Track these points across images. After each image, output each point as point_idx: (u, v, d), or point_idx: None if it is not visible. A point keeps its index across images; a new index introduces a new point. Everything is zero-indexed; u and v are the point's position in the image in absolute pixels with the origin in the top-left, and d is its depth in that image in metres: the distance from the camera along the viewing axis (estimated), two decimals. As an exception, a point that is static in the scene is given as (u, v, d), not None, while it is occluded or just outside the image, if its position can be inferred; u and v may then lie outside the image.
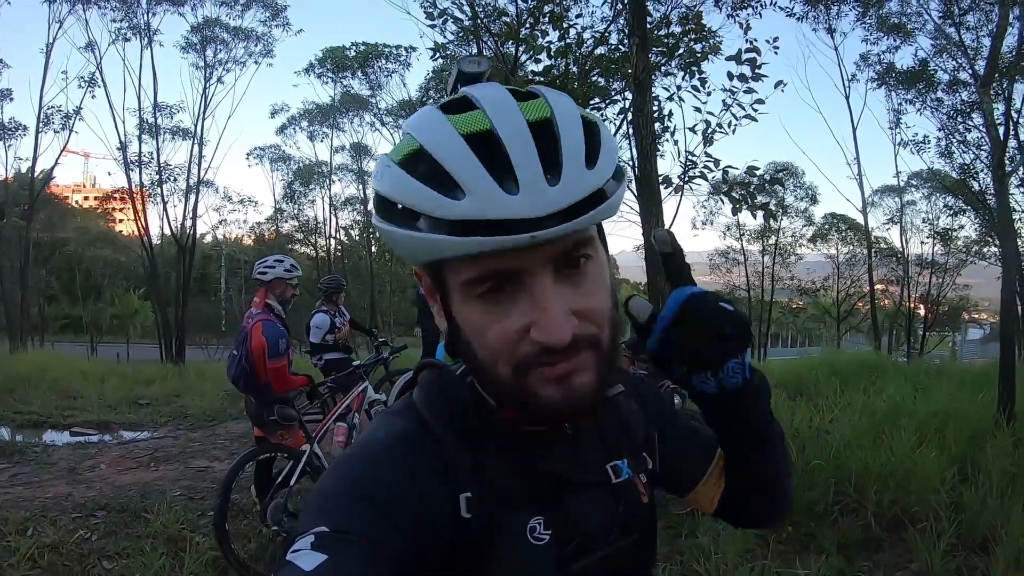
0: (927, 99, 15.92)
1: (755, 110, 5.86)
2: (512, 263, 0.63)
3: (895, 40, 17.02)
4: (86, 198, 49.06)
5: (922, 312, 25.17)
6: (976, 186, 15.37)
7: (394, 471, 0.69)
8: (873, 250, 24.26)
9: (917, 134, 17.86)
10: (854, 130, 21.79)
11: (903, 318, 24.97)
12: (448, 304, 0.71)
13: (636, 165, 6.01)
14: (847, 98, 21.69)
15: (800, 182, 28.42)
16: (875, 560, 3.93)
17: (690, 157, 6.01)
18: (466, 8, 7.24)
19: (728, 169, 6.06)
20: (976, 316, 32.32)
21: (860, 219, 24.50)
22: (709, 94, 6.19)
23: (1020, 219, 15.86)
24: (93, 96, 20.91)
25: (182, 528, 4.51)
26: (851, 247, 27.98)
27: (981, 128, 12.74)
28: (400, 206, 0.65)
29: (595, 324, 0.68)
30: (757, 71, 5.74)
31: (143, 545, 4.15)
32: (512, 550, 0.71)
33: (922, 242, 25.60)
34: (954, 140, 15.40)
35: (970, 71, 13.01)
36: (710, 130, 6.03)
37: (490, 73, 0.76)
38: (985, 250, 20.45)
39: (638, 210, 6.12)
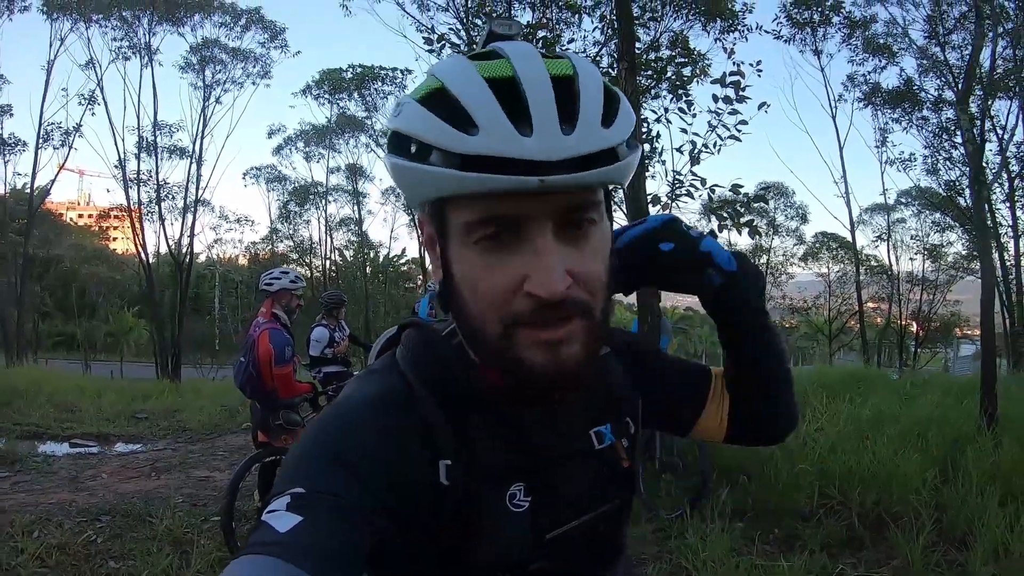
0: (913, 118, 16.20)
1: (739, 131, 6.07)
2: (516, 208, 0.62)
3: (881, 60, 17.35)
4: (80, 216, 48.99)
5: (914, 328, 25.34)
6: (963, 202, 15.60)
7: (374, 433, 0.68)
8: (863, 268, 24.45)
9: (903, 152, 18.19)
10: (841, 149, 22.06)
11: (894, 335, 25.11)
12: (446, 251, 0.69)
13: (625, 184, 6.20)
14: (834, 118, 21.96)
15: (790, 201, 28.67)
16: (858, 557, 4.05)
17: (677, 176, 6.19)
18: (463, 33, 7.44)
19: (714, 188, 6.26)
20: (968, 332, 32.46)
21: (850, 237, 24.74)
22: (695, 116, 6.39)
23: (1006, 234, 16.14)
24: (93, 113, 21.29)
25: (187, 531, 4.61)
26: (842, 265, 28.13)
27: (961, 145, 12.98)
28: (414, 140, 0.65)
29: (589, 291, 0.66)
30: (741, 93, 5.95)
31: (149, 546, 4.23)
32: (491, 516, 0.72)
33: (911, 259, 25.86)
34: (940, 157, 15.66)
35: (954, 89, 13.29)
36: (696, 150, 6.22)
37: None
38: (974, 265, 20.60)
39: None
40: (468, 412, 0.73)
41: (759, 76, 6.40)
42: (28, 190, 22.05)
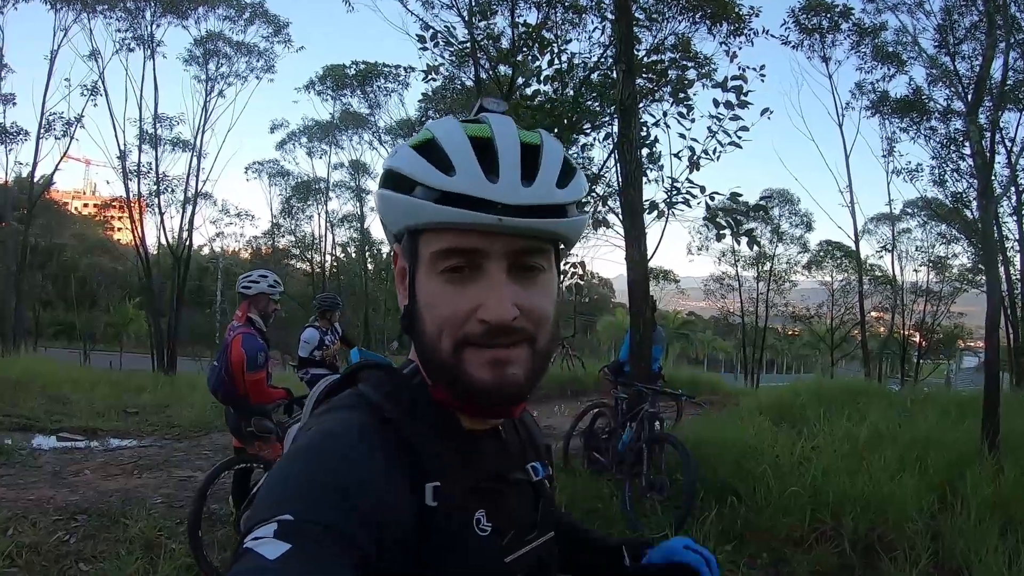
0: (921, 128, 16.04)
1: (739, 137, 5.94)
2: (477, 243, 0.73)
3: (890, 69, 17.18)
4: (86, 205, 49.14)
5: (917, 340, 25.17)
6: (970, 215, 15.44)
7: (360, 461, 0.70)
8: (867, 278, 24.26)
9: (910, 162, 18.02)
10: (847, 158, 21.89)
11: (897, 345, 24.95)
12: (414, 280, 0.78)
13: (621, 190, 6.07)
14: (840, 126, 21.68)
15: (795, 209, 28.46)
16: (848, 587, 3.93)
17: (674, 183, 6.07)
18: (458, 32, 7.33)
19: (713, 195, 6.12)
20: (971, 344, 32.28)
21: (854, 247, 24.54)
22: (693, 121, 6.27)
23: (1013, 247, 15.96)
24: (95, 104, 20.84)
25: (159, 534, 4.54)
26: (846, 274, 27.90)
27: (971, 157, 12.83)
28: (403, 177, 0.75)
29: (534, 323, 0.75)
30: (743, 99, 5.81)
31: (120, 549, 4.20)
32: (462, 540, 0.75)
33: (915, 270, 25.67)
34: (947, 168, 15.50)
35: (964, 100, 13.13)
36: (695, 156, 6.09)
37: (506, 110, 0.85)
38: (979, 278, 20.40)
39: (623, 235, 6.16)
40: (439, 437, 0.78)
41: (762, 81, 6.30)
42: (30, 179, 21.98)
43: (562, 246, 0.83)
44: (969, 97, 11.54)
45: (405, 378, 0.83)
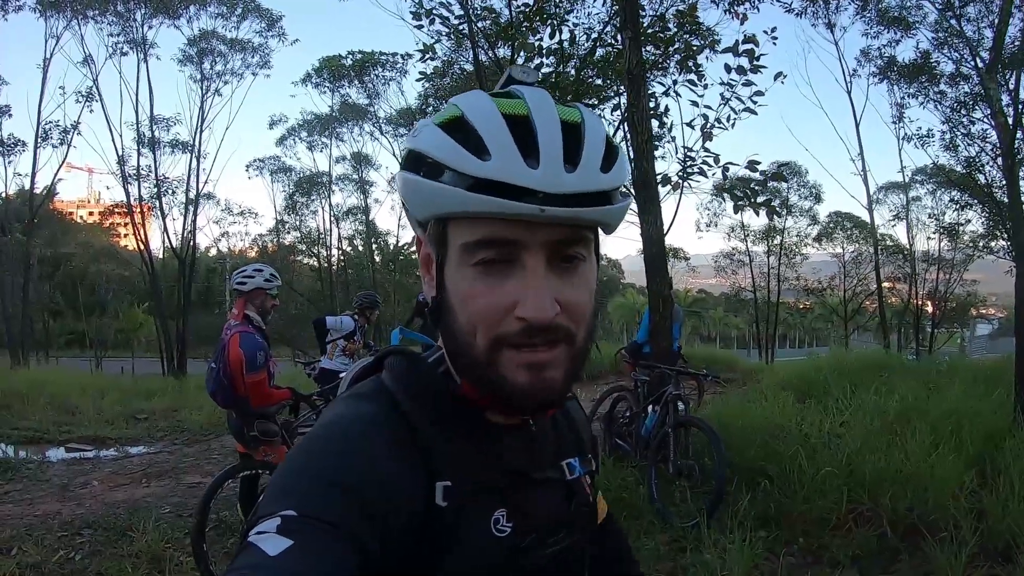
0: (930, 92, 15.76)
1: (754, 103, 5.71)
2: (514, 234, 0.66)
3: (896, 33, 16.90)
4: (91, 213, 49.44)
5: (930, 309, 24.96)
6: (982, 179, 15.18)
7: (368, 456, 0.67)
8: (879, 247, 24.02)
9: (921, 128, 17.75)
10: (857, 126, 21.67)
11: (911, 315, 24.74)
12: (442, 270, 0.72)
13: (633, 163, 5.84)
14: (849, 93, 21.55)
15: (804, 181, 28.27)
16: (892, 572, 3.75)
17: (688, 154, 5.84)
18: (454, 7, 7.10)
19: (728, 166, 5.90)
20: (984, 312, 32.05)
21: (865, 216, 24.32)
22: (706, 87, 6.04)
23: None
24: (91, 111, 21.01)
25: (166, 547, 4.41)
26: (857, 245, 27.76)
27: (984, 120, 12.54)
28: (429, 159, 0.68)
29: (575, 320, 0.70)
30: (756, 63, 5.57)
31: (125, 565, 4.07)
32: (475, 540, 0.71)
33: (928, 238, 25.45)
34: (958, 133, 15.22)
35: (972, 63, 12.84)
36: (708, 125, 5.87)
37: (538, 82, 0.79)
38: (993, 244, 20.16)
39: (637, 210, 5.96)
40: (457, 435, 0.74)
41: (774, 44, 6.07)
42: (30, 190, 21.97)
43: (602, 230, 0.77)
44: (978, 60, 11.24)
45: (429, 367, 0.79)
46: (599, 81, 7.97)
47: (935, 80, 15.74)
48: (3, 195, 23.08)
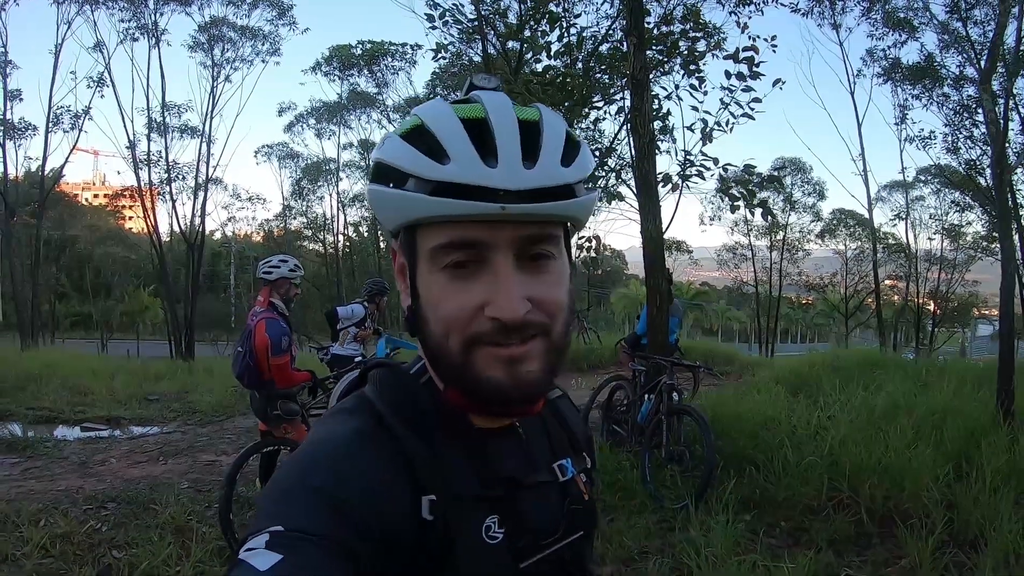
0: (933, 94, 15.84)
1: (752, 109, 5.91)
2: (480, 234, 0.67)
3: (901, 35, 16.94)
4: (96, 196, 49.49)
5: (931, 308, 25.04)
6: (983, 182, 15.29)
7: (354, 470, 0.68)
8: (881, 246, 24.11)
9: (923, 130, 17.83)
10: (859, 126, 21.76)
11: (911, 314, 24.86)
12: (415, 278, 0.73)
13: (634, 164, 6.07)
14: (852, 94, 21.64)
15: (807, 177, 28.32)
16: (866, 556, 3.97)
17: (687, 156, 6.06)
18: (467, 9, 7.29)
19: (727, 167, 6.12)
20: (986, 312, 32.08)
21: (867, 215, 24.39)
22: (705, 93, 6.25)
23: (1026, 216, 15.79)
24: (102, 96, 21.09)
25: (189, 519, 4.62)
26: (859, 243, 27.81)
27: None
28: (393, 169, 0.70)
29: (548, 314, 0.70)
30: (755, 70, 5.78)
31: (151, 535, 4.24)
32: (468, 550, 0.72)
33: (929, 238, 25.51)
34: (960, 135, 15.31)
35: (976, 67, 12.95)
36: (708, 128, 6.08)
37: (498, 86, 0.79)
38: (994, 246, 20.20)
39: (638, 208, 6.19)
40: (443, 446, 0.74)
41: (774, 52, 6.26)
42: (40, 173, 22.10)
43: (571, 226, 0.78)
44: (982, 63, 11.35)
45: (411, 378, 0.80)
46: (606, 78, 8.16)
47: (939, 83, 15.83)
48: (13, 178, 23.22)
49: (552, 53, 6.94)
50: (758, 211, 6.26)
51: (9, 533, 4.25)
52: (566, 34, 7.05)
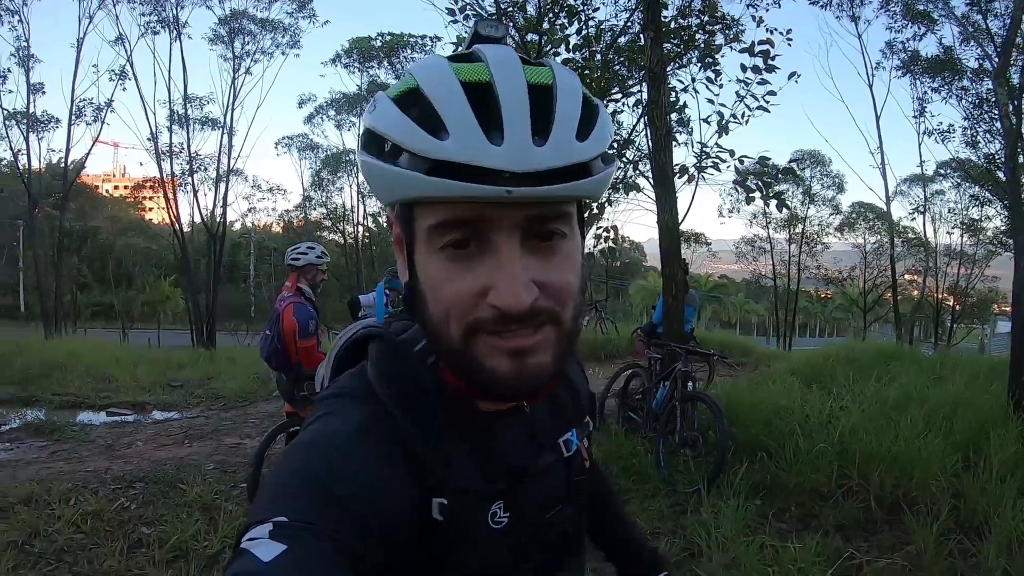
0: (952, 87, 15.73)
1: (767, 102, 5.98)
2: (481, 214, 0.61)
3: (920, 28, 16.81)
4: (116, 187, 50.01)
5: (951, 303, 24.86)
6: (1003, 176, 15.18)
7: (358, 466, 0.65)
8: (899, 240, 23.95)
9: (942, 123, 17.68)
10: (877, 119, 21.47)
11: (930, 309, 24.69)
12: (412, 255, 0.68)
13: (651, 156, 6.16)
14: (871, 87, 21.39)
15: (826, 170, 28.15)
16: (872, 541, 4.05)
17: (704, 148, 6.14)
18: (487, 2, 7.38)
19: (743, 159, 6.19)
20: (1006, 309, 31.72)
21: (885, 208, 24.23)
22: (721, 86, 6.32)
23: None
24: (124, 89, 21.35)
25: (215, 497, 4.76)
26: (879, 236, 27.62)
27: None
28: (386, 140, 0.63)
29: (557, 300, 0.64)
30: (770, 63, 5.84)
31: (180, 513, 4.39)
32: (474, 536, 0.71)
33: (948, 232, 25.29)
34: (979, 129, 15.20)
35: (992, 61, 12.85)
36: (724, 121, 6.15)
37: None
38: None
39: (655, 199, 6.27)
40: (447, 436, 0.71)
41: (789, 45, 6.32)
42: (63, 165, 22.40)
43: (586, 201, 0.71)
44: (999, 57, 11.28)
45: (414, 358, 0.75)
46: (624, 71, 8.23)
47: (958, 75, 15.71)
48: (36, 170, 23.56)
49: (571, 46, 7.03)
50: (773, 203, 6.32)
51: (40, 510, 4.36)
52: (584, 27, 7.13)
